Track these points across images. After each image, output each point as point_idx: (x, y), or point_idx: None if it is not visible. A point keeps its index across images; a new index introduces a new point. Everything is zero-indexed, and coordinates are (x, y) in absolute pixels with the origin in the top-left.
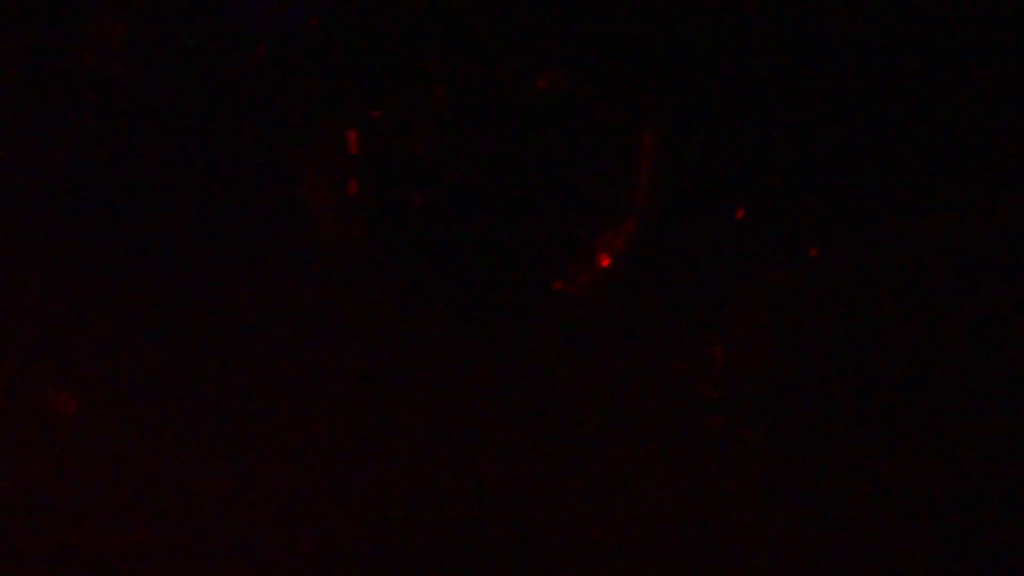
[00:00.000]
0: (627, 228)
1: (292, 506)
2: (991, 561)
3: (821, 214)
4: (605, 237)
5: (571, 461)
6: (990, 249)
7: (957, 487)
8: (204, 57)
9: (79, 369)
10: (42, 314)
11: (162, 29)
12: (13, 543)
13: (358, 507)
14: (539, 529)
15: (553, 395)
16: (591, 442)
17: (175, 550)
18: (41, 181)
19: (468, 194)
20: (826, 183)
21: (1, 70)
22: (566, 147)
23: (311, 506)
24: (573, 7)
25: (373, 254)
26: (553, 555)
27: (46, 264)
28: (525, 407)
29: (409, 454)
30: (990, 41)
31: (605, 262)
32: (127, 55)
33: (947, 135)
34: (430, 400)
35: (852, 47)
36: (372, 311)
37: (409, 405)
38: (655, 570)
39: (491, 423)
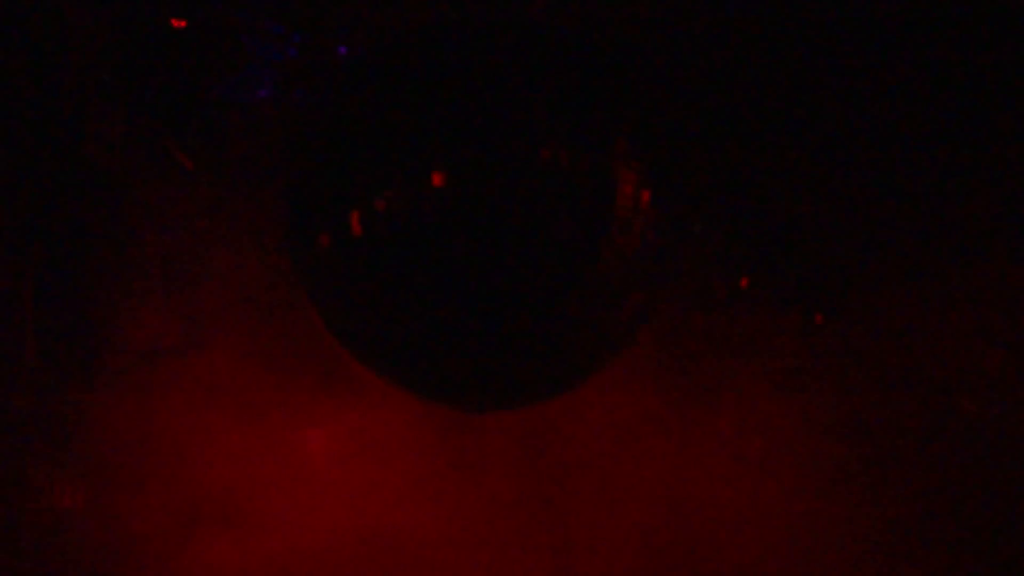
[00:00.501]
0: (634, 301)
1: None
2: None
3: (826, 282)
4: (614, 311)
5: (574, 534)
6: (991, 312)
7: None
8: (198, 147)
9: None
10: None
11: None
12: None
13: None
14: None
15: (561, 473)
16: (597, 518)
17: None
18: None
19: (473, 277)
20: (830, 251)
21: (4, 159)
22: (569, 223)
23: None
24: (572, 81)
25: (379, 335)
26: None
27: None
28: (529, 486)
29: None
30: (971, 120)
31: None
32: (123, 148)
33: (948, 200)
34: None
35: (850, 115)
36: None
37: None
38: None
39: (496, 498)
